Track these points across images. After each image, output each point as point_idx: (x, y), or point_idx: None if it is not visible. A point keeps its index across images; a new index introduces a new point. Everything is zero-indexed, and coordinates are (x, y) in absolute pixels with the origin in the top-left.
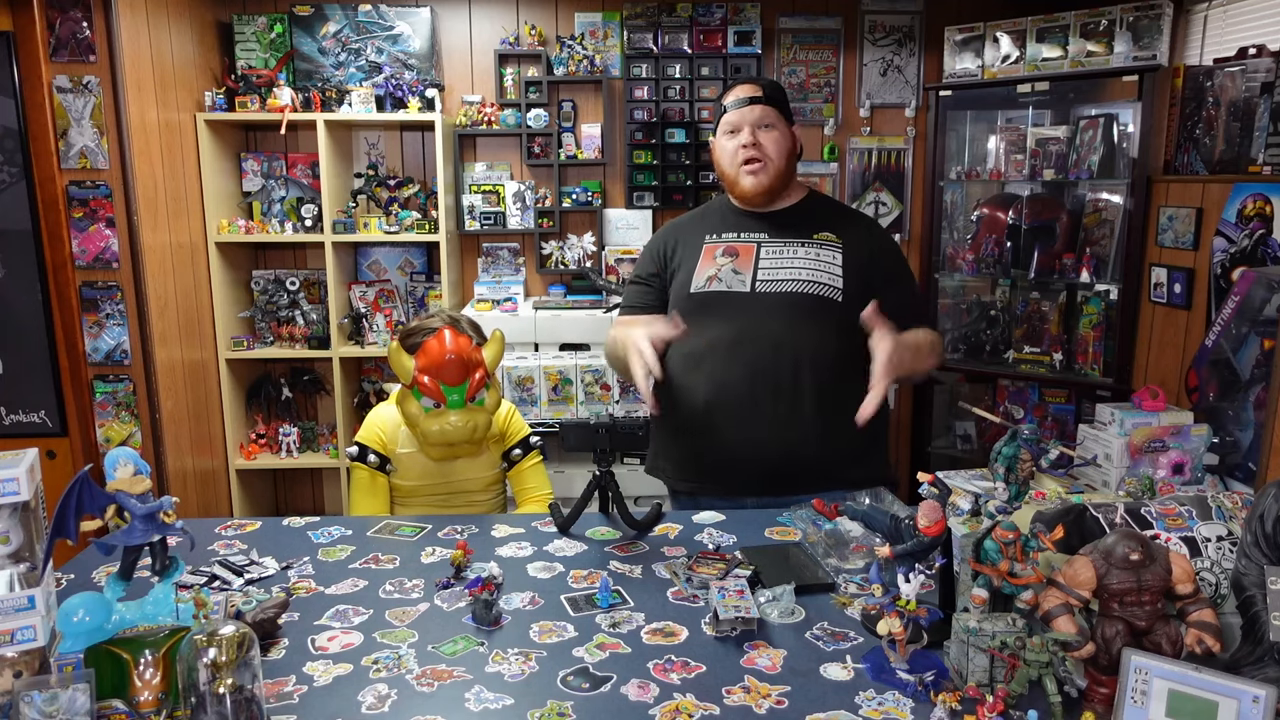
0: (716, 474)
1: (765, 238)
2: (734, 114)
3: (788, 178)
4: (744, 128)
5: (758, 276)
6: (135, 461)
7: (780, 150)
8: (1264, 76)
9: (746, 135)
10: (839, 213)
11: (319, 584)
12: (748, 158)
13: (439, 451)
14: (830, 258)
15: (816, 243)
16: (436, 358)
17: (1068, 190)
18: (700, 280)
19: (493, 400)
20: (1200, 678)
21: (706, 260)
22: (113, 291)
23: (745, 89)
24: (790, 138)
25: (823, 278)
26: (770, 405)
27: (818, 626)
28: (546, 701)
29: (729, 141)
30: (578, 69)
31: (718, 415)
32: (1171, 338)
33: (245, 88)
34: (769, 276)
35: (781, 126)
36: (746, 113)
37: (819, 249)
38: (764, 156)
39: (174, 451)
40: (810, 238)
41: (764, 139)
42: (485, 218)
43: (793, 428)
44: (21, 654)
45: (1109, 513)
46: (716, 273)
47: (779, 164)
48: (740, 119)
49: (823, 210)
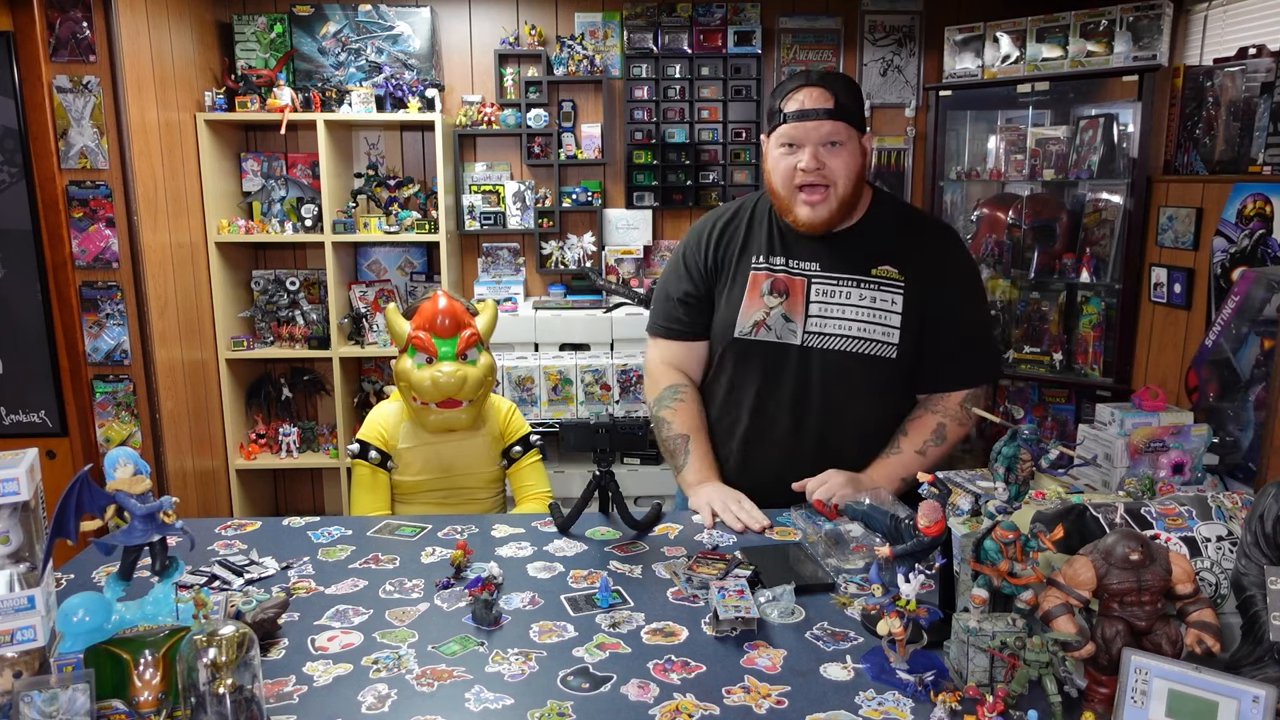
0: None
1: (817, 270)
2: (794, 128)
3: (853, 201)
4: (806, 146)
5: (807, 326)
6: (135, 461)
7: (849, 173)
8: (1264, 76)
9: (808, 159)
10: (907, 225)
11: (319, 584)
12: (807, 183)
13: (434, 422)
14: (888, 302)
15: (874, 282)
16: (429, 315)
17: (1068, 190)
18: (746, 324)
19: (484, 362)
20: (1200, 678)
21: (753, 296)
22: (113, 291)
23: (813, 95)
24: (860, 154)
25: (876, 332)
26: (809, 465)
27: (818, 626)
28: (546, 701)
29: (786, 158)
30: (578, 69)
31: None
32: (1171, 338)
33: (245, 88)
34: (818, 328)
35: (852, 143)
36: (811, 130)
37: (876, 291)
38: (829, 182)
39: (174, 451)
40: (868, 273)
41: (831, 161)
42: (485, 218)
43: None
44: (21, 654)
45: (1109, 513)
46: (765, 318)
47: (845, 190)
48: (803, 136)
49: (888, 229)
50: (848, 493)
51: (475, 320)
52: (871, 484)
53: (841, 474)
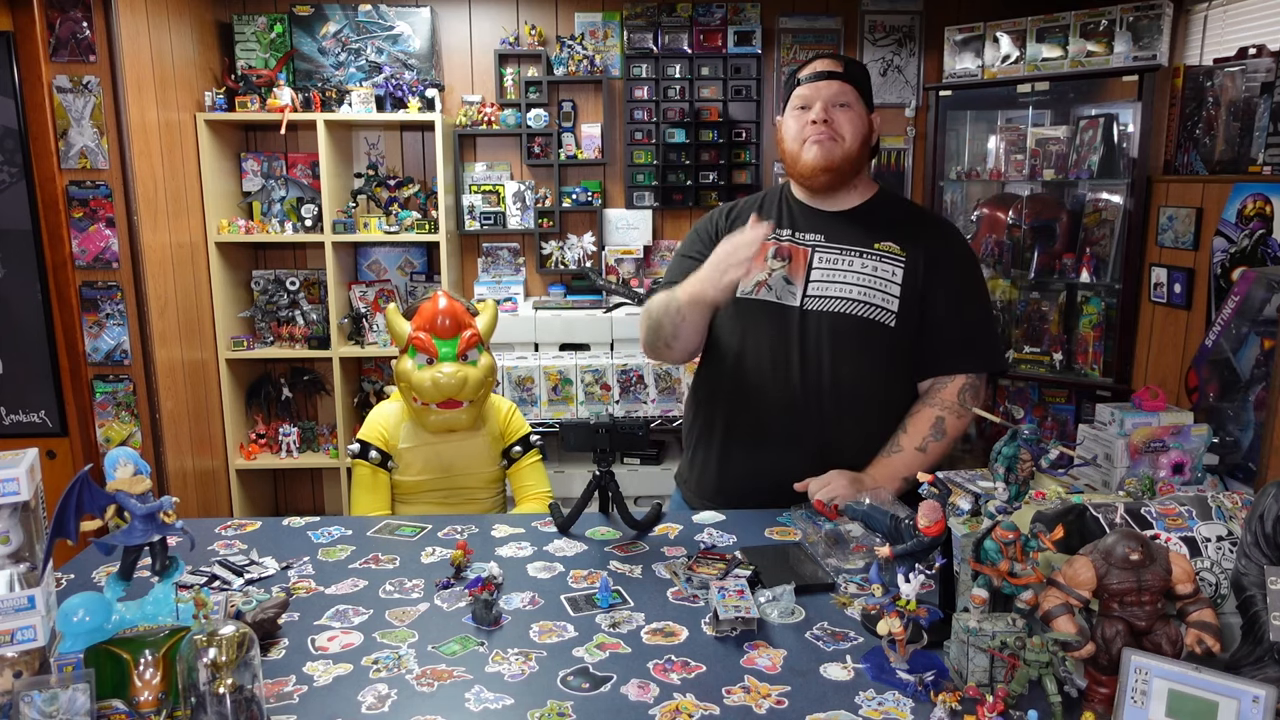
0: (745, 499)
1: (821, 240)
2: (807, 88)
3: (857, 165)
4: (816, 103)
5: (808, 290)
6: (135, 461)
7: (855, 131)
8: (1264, 76)
9: (819, 110)
10: (910, 217)
11: (319, 584)
12: (816, 133)
13: (435, 422)
14: (888, 273)
15: (876, 254)
16: (430, 315)
17: (1068, 190)
18: (749, 284)
19: (485, 363)
20: (1200, 678)
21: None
22: (113, 291)
23: (823, 63)
24: (867, 123)
25: (876, 298)
26: (802, 435)
27: (818, 626)
28: (546, 701)
29: (799, 117)
30: (578, 69)
31: (750, 438)
32: (1171, 338)
33: (245, 88)
34: (819, 292)
35: (859, 109)
36: (822, 87)
37: (878, 262)
38: (836, 135)
39: (174, 451)
40: (871, 247)
41: (839, 116)
42: (485, 218)
43: (823, 459)
44: (21, 654)
45: (1109, 513)
46: (767, 278)
47: (850, 145)
48: (814, 94)
49: (891, 213)
50: (850, 494)
51: (476, 321)
52: (874, 484)
53: (844, 476)
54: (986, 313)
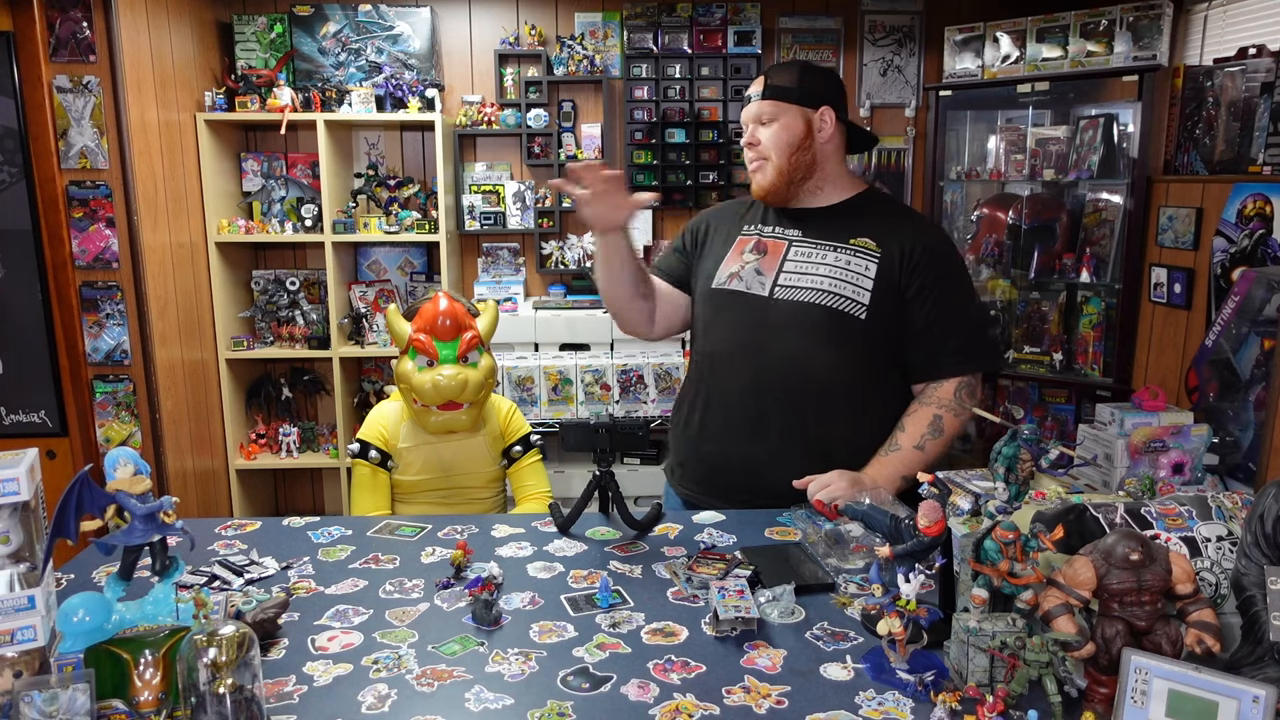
0: (713, 483)
1: (798, 236)
2: (743, 114)
3: (795, 173)
4: (747, 125)
5: (779, 280)
6: (135, 461)
7: (778, 144)
8: (1264, 76)
9: (746, 135)
10: (889, 214)
11: (319, 584)
12: (750, 158)
13: (435, 424)
14: (861, 267)
15: (851, 249)
16: (430, 317)
17: (1068, 190)
18: (723, 275)
19: (485, 365)
20: (1200, 678)
21: (735, 253)
22: (113, 291)
23: (754, 85)
24: (799, 126)
25: (846, 290)
26: (772, 422)
27: (818, 626)
28: (546, 701)
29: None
30: (578, 69)
31: (717, 425)
32: (1171, 338)
33: (245, 88)
34: (790, 282)
35: (785, 117)
36: (747, 112)
37: (851, 256)
38: (762, 156)
39: (174, 451)
40: (846, 241)
41: (761, 135)
42: (485, 218)
43: (795, 447)
44: (21, 654)
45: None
46: (740, 270)
47: (778, 161)
48: (744, 116)
49: (870, 210)
50: (850, 494)
51: (476, 322)
52: (873, 484)
53: (845, 477)
54: (976, 311)
